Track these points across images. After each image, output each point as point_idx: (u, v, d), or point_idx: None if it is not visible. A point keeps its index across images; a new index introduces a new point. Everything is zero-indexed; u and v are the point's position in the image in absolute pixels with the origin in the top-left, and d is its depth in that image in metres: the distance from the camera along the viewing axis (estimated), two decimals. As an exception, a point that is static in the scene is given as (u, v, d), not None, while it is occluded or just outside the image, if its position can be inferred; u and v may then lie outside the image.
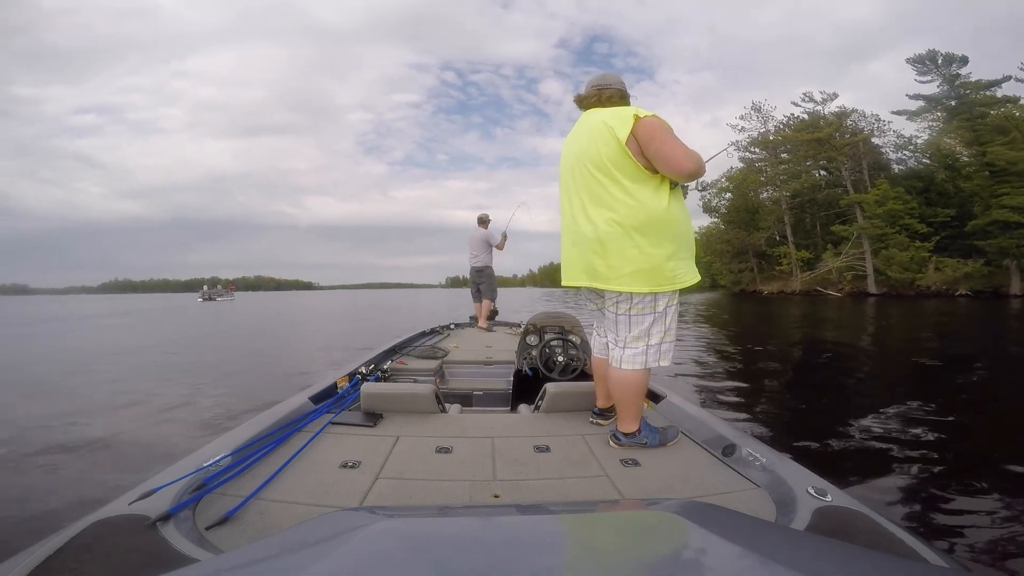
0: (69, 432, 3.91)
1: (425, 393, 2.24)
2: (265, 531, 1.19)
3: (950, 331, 11.32)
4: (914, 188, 36.63)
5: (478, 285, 6.74)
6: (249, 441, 1.72)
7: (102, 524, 1.08)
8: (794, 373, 6.14)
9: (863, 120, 42.17)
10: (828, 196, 41.67)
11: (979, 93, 34.15)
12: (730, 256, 47.92)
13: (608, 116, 1.78)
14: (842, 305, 25.20)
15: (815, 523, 1.15)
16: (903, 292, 33.32)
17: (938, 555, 1.01)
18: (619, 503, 1.41)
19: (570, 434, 2.00)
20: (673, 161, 1.67)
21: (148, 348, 10.32)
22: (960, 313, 17.96)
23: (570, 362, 3.02)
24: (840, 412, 4.12)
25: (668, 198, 1.74)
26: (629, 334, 1.83)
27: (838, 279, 38.10)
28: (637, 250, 1.71)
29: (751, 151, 48.35)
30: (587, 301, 2.11)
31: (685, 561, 0.61)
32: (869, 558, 0.67)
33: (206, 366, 7.64)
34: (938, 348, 8.36)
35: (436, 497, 1.43)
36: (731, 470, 1.62)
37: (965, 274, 31.21)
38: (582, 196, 1.84)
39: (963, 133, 33.80)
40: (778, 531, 0.95)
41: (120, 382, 6.11)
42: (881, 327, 13.05)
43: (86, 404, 4.92)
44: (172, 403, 4.90)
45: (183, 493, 1.29)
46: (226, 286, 65.46)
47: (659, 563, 0.60)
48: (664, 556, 0.63)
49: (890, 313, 18.14)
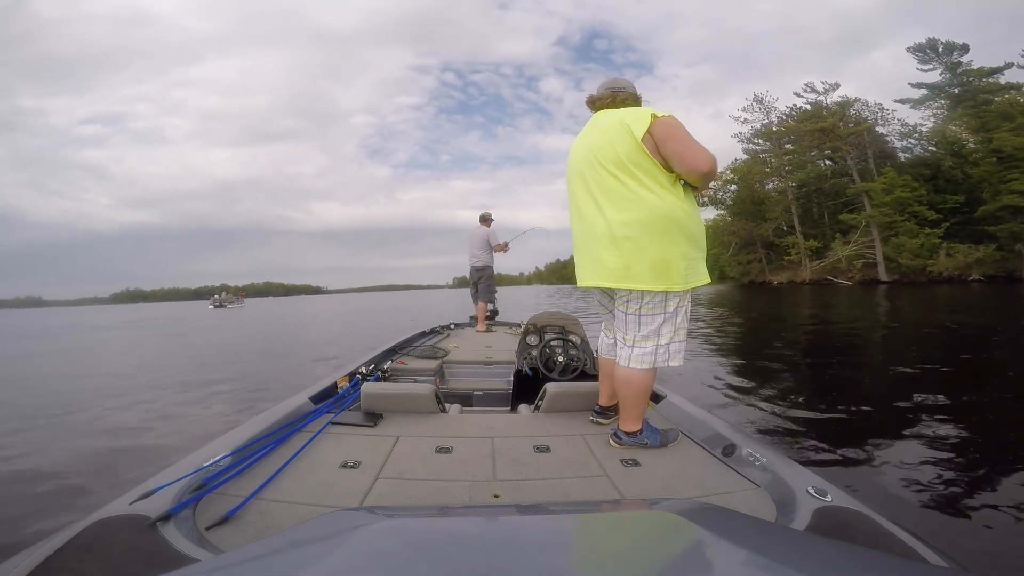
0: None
1: (425, 393, 2.23)
2: (265, 531, 1.19)
3: (961, 318, 11.15)
4: (921, 175, 36.34)
5: (477, 285, 6.64)
6: (249, 441, 1.73)
7: (102, 524, 1.09)
8: (798, 370, 6.05)
9: (866, 109, 42.03)
10: (835, 185, 41.34)
11: (982, 80, 34.10)
12: (737, 247, 47.68)
13: (624, 114, 1.77)
14: (853, 293, 24.93)
15: (815, 523, 1.15)
16: (915, 279, 33.05)
17: (938, 555, 1.00)
18: (619, 503, 1.40)
19: (570, 434, 1.99)
20: (691, 160, 1.65)
21: (185, 352, 10.50)
22: (973, 298, 17.70)
23: (570, 362, 3.01)
24: (842, 410, 4.06)
25: (683, 197, 1.73)
26: (639, 333, 1.82)
27: (848, 267, 37.83)
28: (652, 248, 1.70)
29: (755, 142, 48.09)
30: (598, 303, 2.10)
31: (686, 561, 0.60)
32: (869, 558, 0.67)
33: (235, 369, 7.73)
34: (948, 337, 8.22)
35: (436, 497, 1.43)
36: (731, 470, 1.61)
37: (977, 259, 30.94)
38: (595, 195, 1.82)
39: (968, 120, 33.72)
40: (778, 531, 0.95)
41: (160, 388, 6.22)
42: (892, 315, 12.88)
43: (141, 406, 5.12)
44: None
45: (183, 493, 1.29)
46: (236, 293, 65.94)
47: (659, 563, 0.59)
48: (664, 556, 0.63)
49: (902, 300, 17.89)
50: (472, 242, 6.67)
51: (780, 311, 16.06)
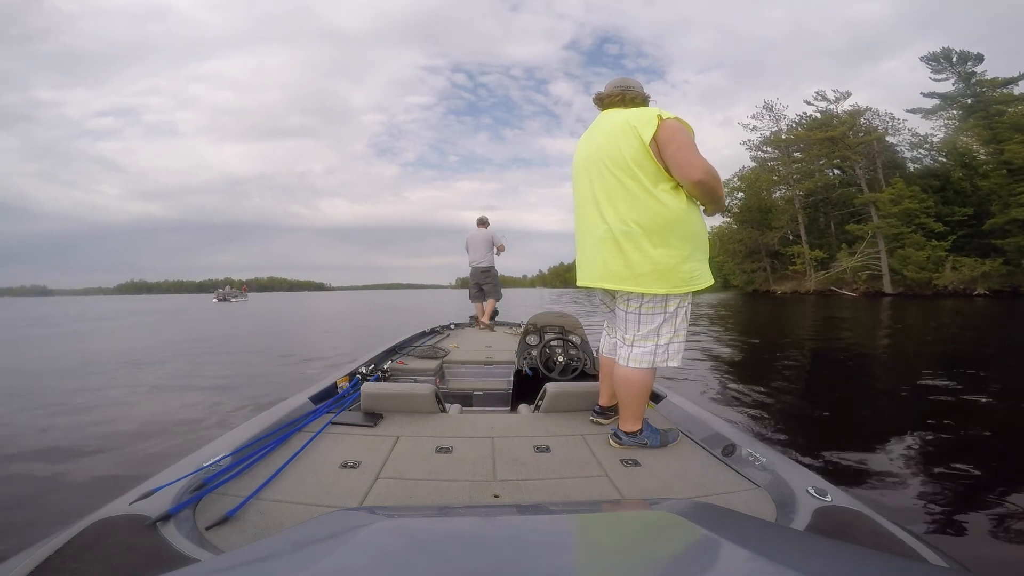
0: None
1: (425, 393, 2.24)
2: (265, 531, 1.20)
3: (964, 331, 11.09)
4: (930, 187, 36.10)
5: (481, 286, 6.71)
6: (249, 441, 1.73)
7: (102, 524, 1.09)
8: (799, 373, 6.05)
9: (877, 118, 41.83)
10: (842, 195, 41.21)
11: (996, 91, 33.77)
12: (743, 256, 47.50)
13: (632, 116, 1.77)
14: (857, 305, 24.81)
15: (815, 523, 1.15)
16: (920, 292, 32.82)
17: (938, 555, 1.00)
18: (620, 503, 1.40)
19: (570, 434, 2.00)
20: (685, 168, 1.65)
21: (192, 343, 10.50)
22: (977, 313, 17.58)
23: (570, 362, 3.01)
24: (842, 411, 4.08)
25: (686, 200, 1.73)
26: (638, 332, 1.82)
27: (853, 279, 37.62)
28: (655, 251, 1.70)
29: (763, 150, 47.98)
30: (600, 302, 2.11)
31: (685, 561, 0.60)
32: (869, 558, 0.67)
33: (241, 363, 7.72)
34: (950, 348, 8.20)
35: (436, 497, 1.43)
36: (731, 470, 1.61)
37: (983, 273, 30.67)
38: (599, 195, 1.82)
39: (980, 131, 33.41)
40: (778, 531, 0.94)
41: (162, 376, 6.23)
42: (895, 327, 12.82)
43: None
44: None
45: (183, 493, 1.29)
46: (240, 287, 66.18)
47: (659, 563, 0.60)
48: (664, 556, 0.63)
49: (906, 313, 17.81)
50: (474, 243, 6.74)
51: (782, 320, 16.01)
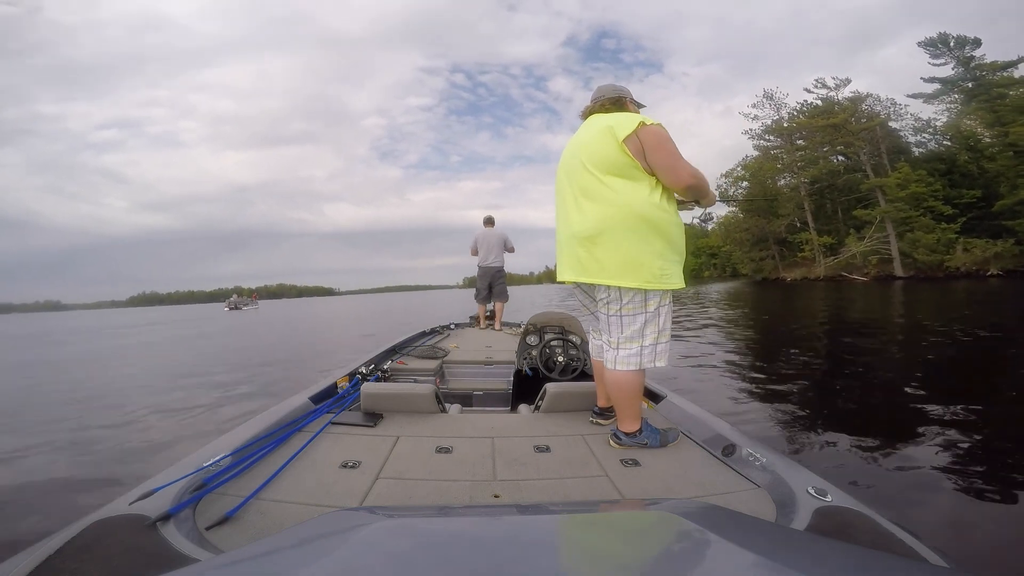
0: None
1: (425, 393, 2.24)
2: (265, 531, 1.20)
3: (977, 313, 10.92)
4: (936, 170, 35.72)
5: (491, 286, 6.51)
6: (249, 441, 1.74)
7: (102, 524, 1.09)
8: (800, 370, 5.89)
9: (878, 104, 41.42)
10: (848, 181, 40.75)
11: (996, 74, 33.53)
12: (750, 244, 47.17)
13: (611, 118, 1.83)
14: (868, 290, 24.49)
15: (815, 523, 1.15)
16: (932, 274, 32.45)
17: (938, 555, 1.00)
18: (620, 503, 1.40)
19: (570, 434, 2.00)
20: (675, 174, 1.74)
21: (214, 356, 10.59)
22: (991, 293, 17.25)
23: (570, 362, 3.01)
24: (843, 410, 4.01)
25: (660, 199, 1.76)
26: (622, 335, 1.84)
27: (863, 263, 37.25)
28: (626, 244, 1.74)
29: (766, 139, 47.56)
30: (580, 305, 2.11)
31: (686, 561, 0.60)
32: (869, 558, 0.67)
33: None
34: (960, 334, 8.02)
35: (436, 497, 1.43)
36: (731, 470, 1.61)
37: (995, 254, 30.31)
38: (575, 193, 1.87)
39: (983, 114, 33.15)
40: (778, 531, 0.95)
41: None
42: (905, 311, 12.64)
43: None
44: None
45: (183, 493, 1.30)
46: (250, 295, 66.71)
47: (659, 563, 0.60)
48: (664, 556, 0.63)
49: (918, 296, 17.54)
50: (486, 243, 6.54)
51: (791, 309, 15.81)
